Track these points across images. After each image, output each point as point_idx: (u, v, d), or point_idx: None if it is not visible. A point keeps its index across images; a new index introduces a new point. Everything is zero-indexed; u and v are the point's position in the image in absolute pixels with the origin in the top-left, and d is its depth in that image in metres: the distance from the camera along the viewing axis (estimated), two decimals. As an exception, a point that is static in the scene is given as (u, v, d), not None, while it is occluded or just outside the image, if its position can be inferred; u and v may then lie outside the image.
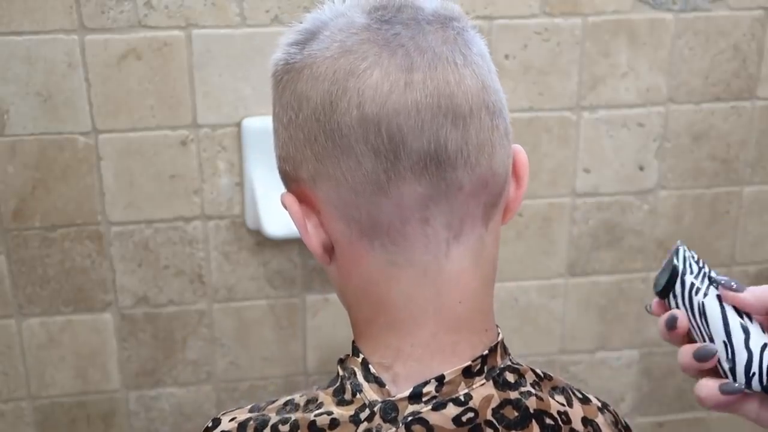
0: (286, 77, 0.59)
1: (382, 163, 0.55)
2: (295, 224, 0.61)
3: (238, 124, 1.20)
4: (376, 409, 0.58)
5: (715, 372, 0.60)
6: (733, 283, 0.59)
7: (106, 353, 1.29)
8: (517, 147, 0.63)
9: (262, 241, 1.26)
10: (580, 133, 1.28)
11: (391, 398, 0.58)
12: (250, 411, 0.63)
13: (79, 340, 1.27)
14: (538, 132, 1.27)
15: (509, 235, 1.32)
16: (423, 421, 0.57)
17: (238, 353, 1.32)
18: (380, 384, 0.59)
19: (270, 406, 0.62)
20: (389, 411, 0.58)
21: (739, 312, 0.59)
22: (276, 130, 0.61)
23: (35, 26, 1.12)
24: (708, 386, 0.58)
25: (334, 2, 0.60)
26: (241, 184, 1.23)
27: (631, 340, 1.42)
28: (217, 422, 0.63)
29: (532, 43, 1.23)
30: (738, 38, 1.27)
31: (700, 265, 0.62)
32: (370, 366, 0.60)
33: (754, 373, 0.57)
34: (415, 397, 0.58)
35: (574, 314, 1.39)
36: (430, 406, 0.58)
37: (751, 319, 0.59)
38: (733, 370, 0.58)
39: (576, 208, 1.32)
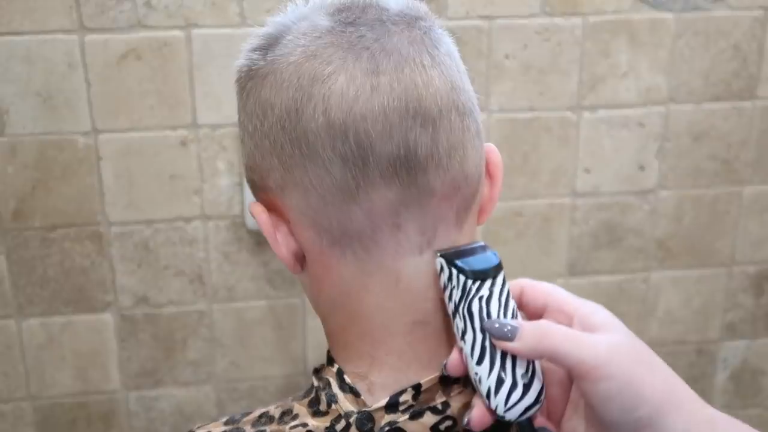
0: (249, 84, 0.58)
1: (350, 170, 0.53)
2: (265, 234, 0.60)
3: (238, 124, 1.20)
4: (351, 420, 0.57)
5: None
6: (505, 330, 0.54)
7: (106, 353, 1.29)
8: (490, 146, 0.61)
9: (262, 241, 1.25)
10: (580, 133, 1.28)
11: (366, 408, 0.57)
12: (225, 424, 0.62)
13: (79, 341, 1.27)
14: (538, 132, 1.27)
15: (509, 235, 1.32)
16: (400, 431, 0.57)
17: (238, 353, 1.32)
18: (355, 394, 0.58)
19: (245, 419, 0.61)
20: (365, 422, 0.57)
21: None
22: (242, 139, 0.60)
23: (35, 26, 1.12)
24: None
25: (297, 4, 0.59)
26: (241, 184, 1.23)
27: (631, 340, 1.42)
28: None
29: (532, 43, 1.23)
30: (738, 38, 1.27)
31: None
32: (345, 376, 0.59)
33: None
34: (392, 406, 0.57)
35: (574, 314, 1.39)
36: (407, 416, 0.57)
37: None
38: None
39: (576, 208, 1.32)
